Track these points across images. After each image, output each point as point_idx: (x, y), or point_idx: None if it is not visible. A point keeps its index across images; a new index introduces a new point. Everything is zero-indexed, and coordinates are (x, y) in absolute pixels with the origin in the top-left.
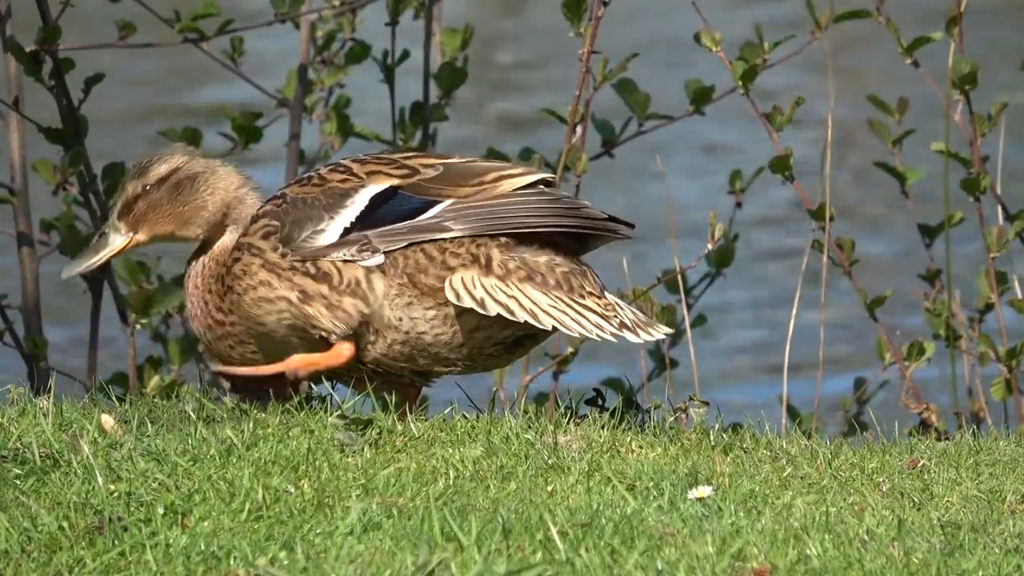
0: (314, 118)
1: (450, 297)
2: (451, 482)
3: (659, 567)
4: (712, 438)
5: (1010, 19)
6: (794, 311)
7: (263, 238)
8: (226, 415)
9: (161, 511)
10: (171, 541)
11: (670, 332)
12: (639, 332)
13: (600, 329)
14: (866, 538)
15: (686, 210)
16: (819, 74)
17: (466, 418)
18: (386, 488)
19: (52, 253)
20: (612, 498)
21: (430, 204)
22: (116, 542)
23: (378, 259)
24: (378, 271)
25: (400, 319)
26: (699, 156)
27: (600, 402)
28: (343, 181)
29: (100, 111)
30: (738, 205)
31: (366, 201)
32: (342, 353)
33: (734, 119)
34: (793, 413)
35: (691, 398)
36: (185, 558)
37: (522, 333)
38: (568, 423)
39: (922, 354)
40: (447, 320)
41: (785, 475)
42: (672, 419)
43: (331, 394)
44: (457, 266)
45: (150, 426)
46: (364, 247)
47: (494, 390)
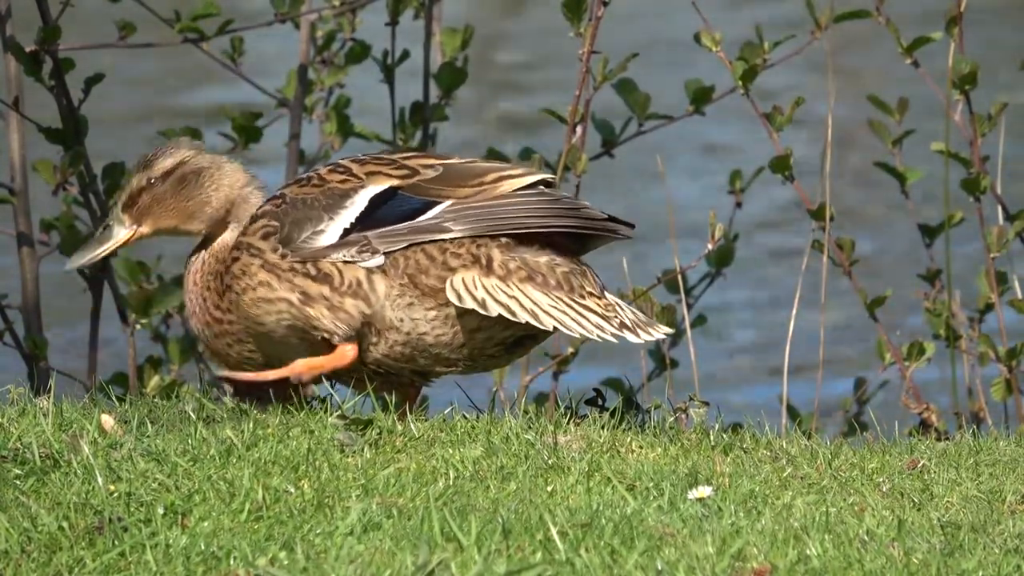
0: (314, 118)
1: (452, 298)
2: (451, 482)
3: (659, 567)
4: (712, 438)
5: (1010, 19)
6: (794, 311)
7: (262, 238)
8: (226, 415)
9: (161, 511)
10: (171, 541)
11: (670, 332)
12: (639, 332)
13: (600, 329)
14: (866, 538)
15: (686, 210)
16: (819, 74)
17: (466, 418)
18: (386, 488)
19: (52, 253)
20: (612, 498)
21: (430, 205)
22: (116, 542)
23: (378, 260)
24: (379, 272)
25: (402, 320)
26: (699, 157)
27: (600, 402)
28: (343, 182)
29: (100, 111)
30: (738, 205)
31: (366, 202)
32: (346, 354)
33: (734, 119)
34: (793, 413)
35: (691, 398)
36: (185, 558)
37: (523, 333)
38: (568, 423)
39: (922, 354)
40: (448, 321)
41: (785, 475)
42: (672, 419)
43: (331, 394)
44: (458, 266)
45: (150, 426)
46: (364, 248)
47: (494, 390)
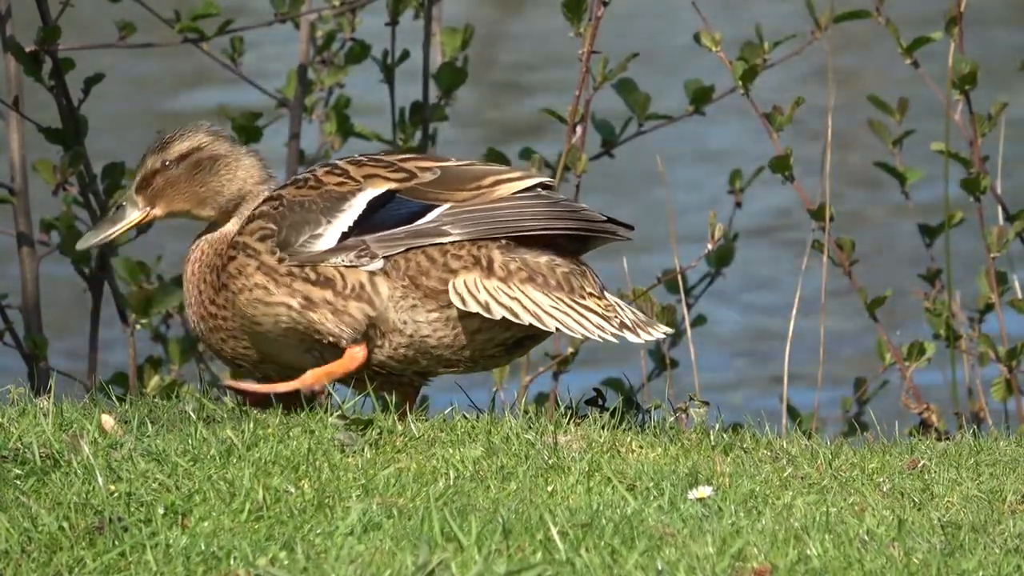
0: (314, 118)
1: (455, 302)
2: (451, 482)
3: (659, 567)
4: (712, 438)
5: (1010, 20)
6: (794, 311)
7: (259, 240)
8: (226, 415)
9: (161, 511)
10: (171, 541)
11: (670, 332)
12: (639, 332)
13: (601, 330)
14: (866, 538)
15: (687, 213)
16: (819, 75)
17: (466, 418)
18: (386, 488)
19: (52, 253)
20: (612, 498)
21: (428, 208)
22: (116, 542)
23: (377, 264)
24: (382, 274)
25: (405, 322)
26: (700, 159)
27: (600, 402)
28: (340, 184)
29: (100, 111)
30: (738, 205)
31: (363, 205)
32: (355, 357)
33: (734, 120)
34: (793, 413)
35: (691, 398)
36: (185, 558)
37: (523, 334)
38: (568, 423)
39: (922, 354)
40: (450, 322)
41: (785, 475)
42: (672, 419)
43: (331, 394)
44: (459, 268)
45: (150, 426)
46: (362, 253)
47: (494, 390)
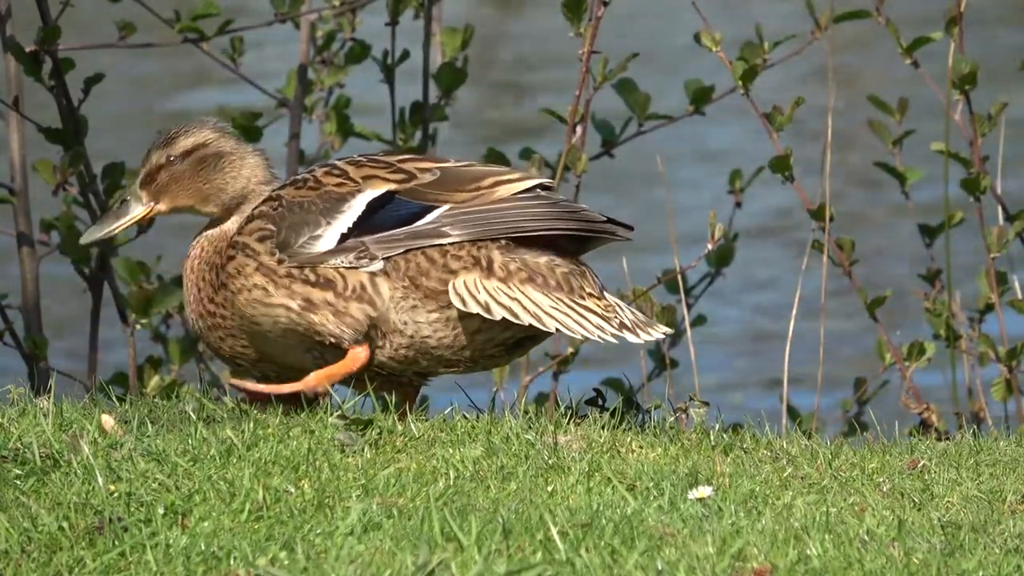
0: (314, 118)
1: (456, 303)
2: (451, 482)
3: (659, 567)
4: (712, 438)
5: (1010, 20)
6: (794, 311)
7: (259, 241)
8: (226, 415)
9: (161, 511)
10: (171, 541)
11: (670, 332)
12: (639, 332)
13: (600, 330)
14: (866, 538)
15: (687, 213)
16: (819, 75)
17: (466, 418)
18: (386, 488)
19: (52, 253)
20: (612, 498)
21: (427, 209)
22: (116, 542)
23: (376, 266)
24: (382, 275)
25: (405, 323)
26: (700, 159)
27: (600, 402)
28: (339, 185)
29: (100, 111)
30: (738, 205)
31: (363, 206)
32: (358, 358)
33: (735, 120)
34: (793, 414)
35: (691, 398)
36: (185, 558)
37: (523, 334)
38: (568, 423)
39: (922, 354)
40: (450, 323)
41: (785, 475)
42: (672, 419)
43: (331, 394)
44: (459, 268)
45: (150, 426)
46: (362, 254)
47: (494, 390)
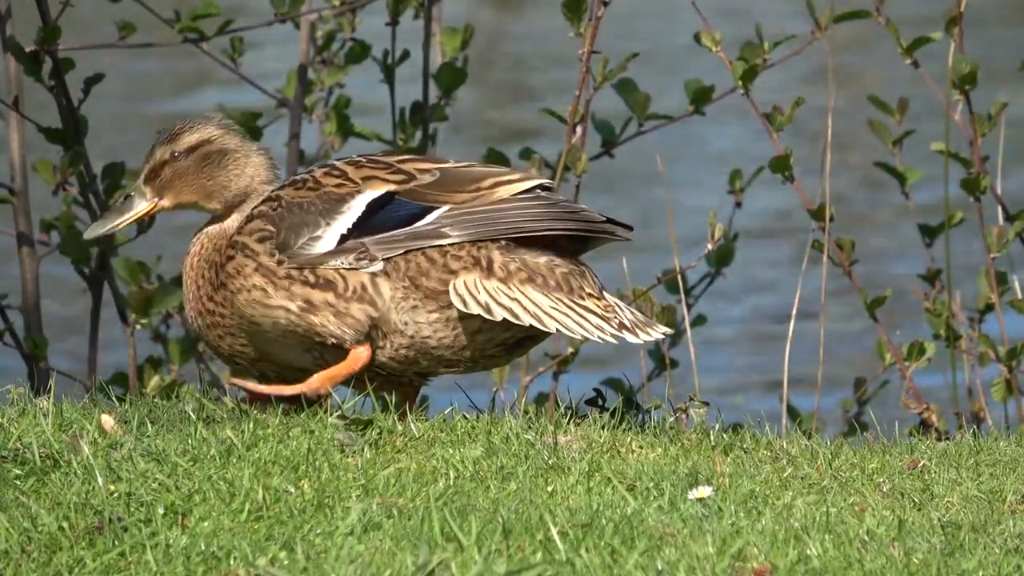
0: (314, 118)
1: (456, 304)
2: (451, 482)
3: (659, 567)
4: (712, 438)
5: (1010, 20)
6: (794, 311)
7: (258, 242)
8: (226, 415)
9: (161, 511)
10: (171, 541)
11: (669, 332)
12: (638, 333)
13: (600, 330)
14: (866, 538)
15: (687, 213)
16: (819, 75)
17: (466, 418)
18: (386, 488)
19: (52, 253)
20: (612, 498)
21: (427, 210)
22: (116, 542)
23: (376, 267)
24: (383, 275)
25: (406, 323)
26: (700, 160)
27: (600, 402)
28: (339, 186)
29: (100, 111)
30: (738, 205)
31: (363, 207)
32: (359, 357)
33: (735, 120)
34: (793, 414)
35: (691, 398)
36: (185, 558)
37: (523, 335)
38: (568, 423)
39: (922, 354)
40: (450, 323)
41: (785, 475)
42: (672, 419)
43: (331, 394)
44: (459, 269)
45: (150, 426)
46: (362, 255)
47: (494, 390)
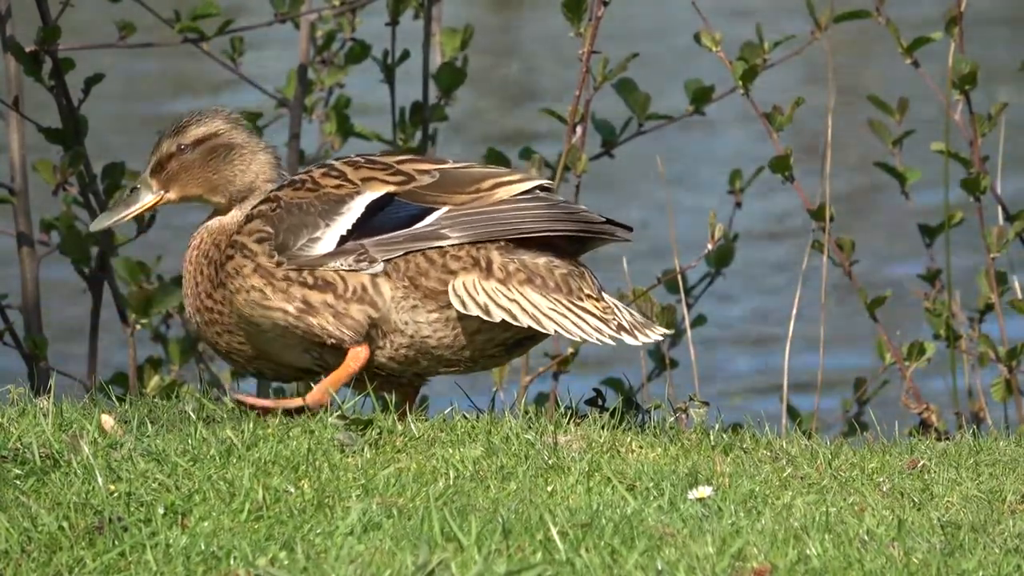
0: (314, 118)
1: (456, 305)
2: (451, 482)
3: (659, 567)
4: (712, 438)
5: (1010, 21)
6: (794, 312)
7: (257, 243)
8: (226, 415)
9: (161, 511)
10: (171, 541)
11: (668, 333)
12: (637, 334)
13: (599, 332)
14: (866, 538)
15: (687, 213)
16: (819, 75)
17: (466, 418)
18: (386, 488)
19: (52, 253)
20: (612, 498)
21: (427, 211)
22: (116, 542)
23: (376, 268)
24: (383, 275)
25: (406, 323)
26: (700, 160)
27: (600, 402)
28: (338, 187)
29: (100, 111)
30: (738, 205)
31: (362, 208)
32: (359, 357)
33: (735, 121)
34: (793, 414)
35: (691, 398)
36: (185, 558)
37: (523, 335)
38: (568, 423)
39: (922, 354)
40: (449, 323)
41: (785, 475)
42: (672, 419)
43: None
44: (458, 269)
45: (150, 426)
46: (361, 257)
47: (494, 390)
